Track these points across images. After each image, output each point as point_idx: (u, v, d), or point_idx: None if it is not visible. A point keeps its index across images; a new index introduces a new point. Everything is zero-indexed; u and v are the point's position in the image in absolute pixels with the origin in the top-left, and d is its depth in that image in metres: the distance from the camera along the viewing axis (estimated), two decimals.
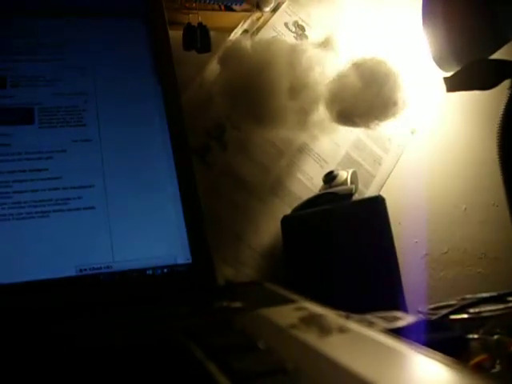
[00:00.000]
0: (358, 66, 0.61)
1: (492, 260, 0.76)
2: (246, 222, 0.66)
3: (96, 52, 0.57)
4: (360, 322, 0.29)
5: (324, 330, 0.27)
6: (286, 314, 0.30)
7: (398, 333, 0.32)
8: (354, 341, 0.27)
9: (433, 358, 0.26)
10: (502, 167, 0.55)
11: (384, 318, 0.33)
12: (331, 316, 0.29)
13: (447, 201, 0.76)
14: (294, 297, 0.33)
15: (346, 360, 0.24)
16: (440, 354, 0.27)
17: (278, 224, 0.63)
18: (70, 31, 0.57)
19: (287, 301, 0.33)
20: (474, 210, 0.77)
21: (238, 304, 0.33)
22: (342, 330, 0.27)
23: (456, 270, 0.75)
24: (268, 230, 0.66)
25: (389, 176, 0.73)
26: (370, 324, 0.31)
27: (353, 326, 0.28)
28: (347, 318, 0.29)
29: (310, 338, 0.27)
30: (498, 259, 0.76)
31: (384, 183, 0.72)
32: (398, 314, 0.34)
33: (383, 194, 0.66)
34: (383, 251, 0.59)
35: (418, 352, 0.26)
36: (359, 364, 0.24)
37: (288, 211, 0.66)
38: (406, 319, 0.33)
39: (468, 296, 0.59)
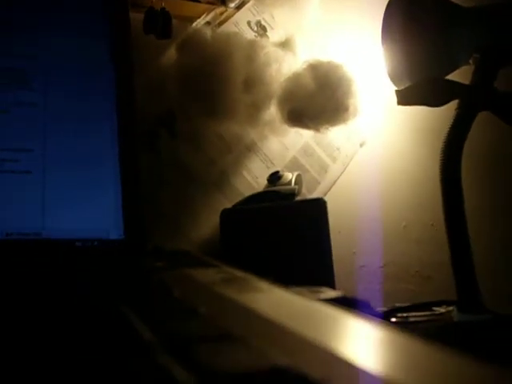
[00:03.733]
0: (314, 68, 0.62)
1: (424, 279, 0.77)
2: (186, 212, 0.65)
3: (52, 17, 0.56)
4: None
5: (246, 288, 0.27)
6: (209, 275, 0.30)
7: None
8: (288, 302, 0.26)
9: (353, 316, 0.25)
10: (442, 187, 0.56)
11: (310, 291, 0.33)
12: (254, 279, 0.29)
13: (389, 216, 0.77)
14: (218, 263, 0.33)
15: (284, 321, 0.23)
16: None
17: (218, 218, 0.63)
18: None
19: (212, 265, 0.32)
20: (412, 227, 0.78)
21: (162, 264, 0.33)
22: (268, 290, 0.27)
23: (390, 285, 0.75)
24: (208, 222, 0.66)
25: (334, 184, 0.73)
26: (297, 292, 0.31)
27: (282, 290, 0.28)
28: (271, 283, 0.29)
29: (230, 292, 0.26)
30: (430, 278, 0.77)
31: (328, 191, 0.73)
32: (324, 289, 0.34)
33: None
34: (320, 252, 0.58)
35: (343, 312, 0.26)
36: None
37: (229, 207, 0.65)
38: (330, 293, 0.33)
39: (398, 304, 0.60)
